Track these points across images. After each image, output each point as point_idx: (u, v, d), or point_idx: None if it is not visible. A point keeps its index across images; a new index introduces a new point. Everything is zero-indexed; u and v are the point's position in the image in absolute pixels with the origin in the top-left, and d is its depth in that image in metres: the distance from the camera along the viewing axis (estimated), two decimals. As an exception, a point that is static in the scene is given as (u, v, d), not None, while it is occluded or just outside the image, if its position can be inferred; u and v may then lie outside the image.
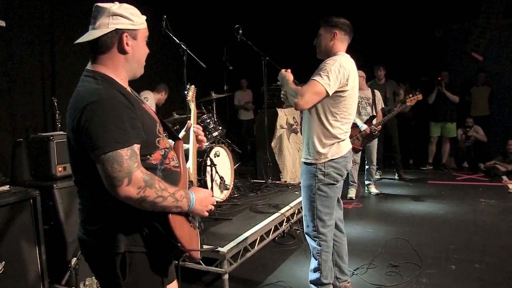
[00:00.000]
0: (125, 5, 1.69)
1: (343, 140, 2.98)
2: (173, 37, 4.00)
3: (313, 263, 3.09)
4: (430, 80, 8.43)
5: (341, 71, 2.79)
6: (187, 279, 3.71)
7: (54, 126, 3.58)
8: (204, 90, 4.95)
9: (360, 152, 6.29)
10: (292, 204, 4.49)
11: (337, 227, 3.21)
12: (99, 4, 1.65)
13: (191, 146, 2.07)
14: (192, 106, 2.30)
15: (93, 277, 3.10)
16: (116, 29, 1.64)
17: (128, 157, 1.51)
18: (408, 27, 9.08)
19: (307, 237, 3.11)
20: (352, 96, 2.93)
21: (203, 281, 3.76)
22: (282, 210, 4.28)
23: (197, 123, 2.82)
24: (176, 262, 1.80)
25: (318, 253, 3.02)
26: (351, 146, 3.07)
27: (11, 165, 3.87)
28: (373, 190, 6.72)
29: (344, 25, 2.97)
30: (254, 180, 5.99)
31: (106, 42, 1.65)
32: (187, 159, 2.01)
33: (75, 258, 2.86)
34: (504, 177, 7.42)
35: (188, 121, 2.16)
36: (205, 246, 1.97)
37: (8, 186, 2.85)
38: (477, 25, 8.99)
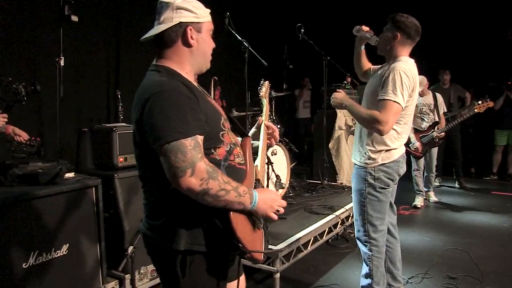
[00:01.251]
0: None
1: (395, 147, 2.87)
2: (236, 34, 4.03)
3: (365, 269, 3.02)
4: (498, 85, 7.99)
5: (407, 84, 2.70)
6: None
7: (117, 118, 3.71)
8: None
9: (422, 159, 6.07)
10: (347, 207, 4.41)
11: (389, 232, 3.12)
12: None
13: (261, 143, 2.03)
14: (265, 102, 2.26)
15: (148, 266, 3.18)
16: (180, 22, 1.64)
17: (192, 147, 1.48)
18: (477, 29, 8.66)
19: (358, 242, 3.04)
20: (410, 106, 2.83)
21: (254, 279, 3.77)
22: (337, 212, 4.22)
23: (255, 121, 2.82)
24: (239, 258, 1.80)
25: (369, 258, 2.95)
26: (404, 151, 2.96)
27: (76, 153, 4.05)
28: (432, 197, 6.47)
29: (409, 28, 2.84)
30: (310, 180, 5.95)
31: (170, 36, 1.65)
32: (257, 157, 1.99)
33: (131, 247, 2.95)
34: None
35: (259, 117, 2.13)
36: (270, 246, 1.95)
37: (73, 173, 2.98)
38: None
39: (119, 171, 3.15)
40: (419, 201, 6.17)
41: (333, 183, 5.66)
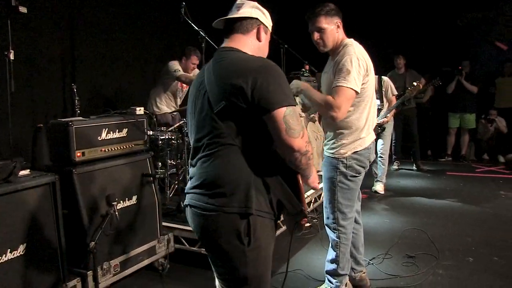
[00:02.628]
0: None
1: (366, 131, 2.90)
2: (192, 24, 3.99)
3: (331, 254, 3.08)
4: (452, 70, 8.27)
5: (360, 64, 2.70)
6: (190, 262, 3.72)
7: (73, 112, 3.62)
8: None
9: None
10: (308, 193, 4.47)
11: (354, 219, 3.18)
12: None
13: None
14: None
15: (111, 261, 3.14)
16: (257, 18, 1.87)
17: (298, 114, 1.67)
18: (429, 16, 8.90)
19: (326, 228, 3.09)
20: (371, 84, 2.84)
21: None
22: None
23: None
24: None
25: (337, 245, 3.02)
26: (374, 137, 3.00)
27: (32, 150, 3.93)
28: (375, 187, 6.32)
29: (339, 10, 2.85)
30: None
31: (248, 25, 1.86)
32: None
33: (93, 242, 2.89)
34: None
35: None
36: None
37: (28, 170, 2.89)
38: (503, 13, 8.75)
39: (77, 166, 3.08)
40: (379, 187, 6.23)
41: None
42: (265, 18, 1.91)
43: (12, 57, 2.93)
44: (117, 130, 3.38)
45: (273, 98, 1.62)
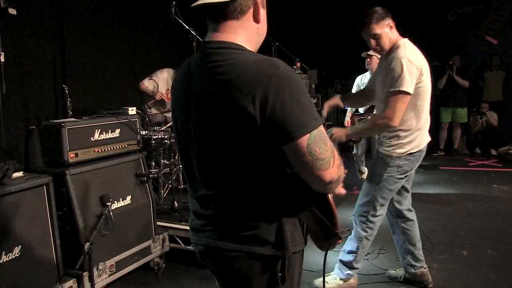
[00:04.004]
0: None
1: (422, 133, 2.91)
2: (183, 23, 3.98)
3: (350, 245, 3.14)
4: (442, 65, 8.32)
5: (412, 67, 2.69)
6: (186, 261, 3.72)
7: (65, 114, 3.60)
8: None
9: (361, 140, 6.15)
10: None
11: (405, 216, 3.21)
12: None
13: None
14: None
15: (106, 262, 3.14)
16: None
17: (325, 133, 1.30)
18: (420, 11, 8.94)
19: (353, 219, 3.15)
20: (426, 85, 2.82)
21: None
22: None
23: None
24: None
25: (360, 239, 3.09)
26: (429, 139, 3.01)
27: (24, 152, 3.92)
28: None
29: (387, 11, 2.89)
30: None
31: (241, 6, 1.35)
32: None
33: (88, 243, 2.89)
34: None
35: None
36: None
37: (22, 172, 2.88)
38: (492, 7, 8.81)
39: (71, 167, 3.07)
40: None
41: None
42: None
43: (2, 59, 2.91)
44: (110, 131, 3.38)
45: (292, 123, 1.22)
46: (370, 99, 3.22)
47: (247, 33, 1.39)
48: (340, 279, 3.20)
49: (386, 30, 2.82)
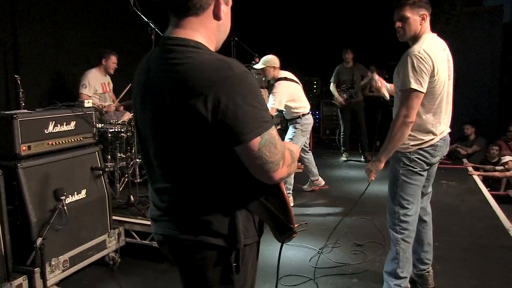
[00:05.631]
0: None
1: (435, 128, 2.82)
2: (141, 15, 3.93)
3: (391, 252, 3.02)
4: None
5: (423, 63, 2.63)
6: (142, 256, 3.71)
7: (18, 105, 3.48)
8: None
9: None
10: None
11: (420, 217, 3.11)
12: None
13: None
14: None
15: (59, 257, 3.07)
16: None
17: (277, 135, 1.33)
18: (377, 10, 9.15)
19: (387, 223, 3.08)
20: (439, 82, 2.74)
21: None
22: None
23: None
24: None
25: (397, 242, 2.95)
26: (444, 135, 2.90)
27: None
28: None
29: (428, 2, 2.76)
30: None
31: (201, 2, 1.35)
32: None
33: (40, 238, 2.82)
34: (465, 160, 7.68)
35: None
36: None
37: (-31, 165, 2.78)
38: (443, 11, 9.14)
39: (23, 160, 2.98)
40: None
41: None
42: None
43: (-51, 46, 2.79)
44: (65, 123, 3.30)
45: (244, 126, 1.25)
46: None
47: (206, 30, 1.40)
48: None
49: (416, 18, 2.75)
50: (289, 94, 4.98)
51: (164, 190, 1.48)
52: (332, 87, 7.64)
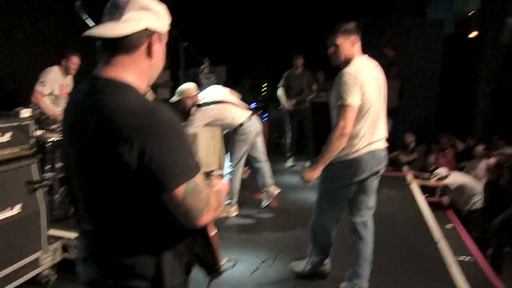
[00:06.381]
0: None
1: (362, 142, 3.05)
2: (88, 23, 3.79)
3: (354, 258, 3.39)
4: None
5: (354, 80, 2.91)
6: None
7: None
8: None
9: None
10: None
11: (356, 229, 3.39)
12: None
13: None
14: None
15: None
16: (147, 28, 1.35)
17: (202, 182, 1.33)
18: (328, 18, 9.31)
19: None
20: (368, 98, 2.98)
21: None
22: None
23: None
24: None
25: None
26: (374, 149, 3.10)
27: None
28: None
29: (358, 29, 3.07)
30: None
31: (133, 42, 1.33)
32: None
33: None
34: (405, 168, 8.00)
35: None
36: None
37: None
38: (391, 21, 9.45)
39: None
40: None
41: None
42: (160, 19, 1.39)
43: None
44: (0, 134, 3.15)
45: (168, 175, 1.25)
46: None
47: (137, 68, 1.37)
48: None
49: (347, 44, 3.05)
50: (210, 119, 4.81)
51: (89, 233, 1.46)
52: (280, 92, 7.67)
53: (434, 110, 9.85)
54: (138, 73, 1.38)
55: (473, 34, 10.70)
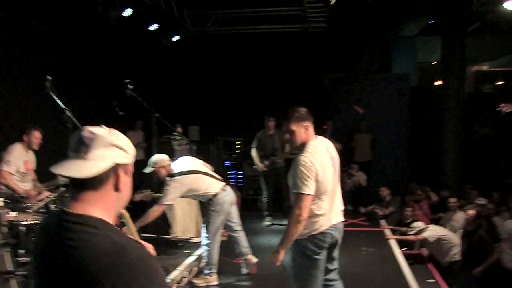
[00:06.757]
0: (117, 132, 1.43)
1: (324, 218, 3.22)
2: (58, 101, 3.80)
3: None
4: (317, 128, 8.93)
5: (309, 170, 3.08)
6: None
7: None
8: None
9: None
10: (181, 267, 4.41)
11: None
12: (92, 129, 1.38)
13: None
14: None
15: None
16: (114, 163, 1.37)
17: None
18: (297, 76, 9.62)
19: None
20: (325, 181, 3.17)
21: None
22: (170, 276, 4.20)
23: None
24: None
25: None
26: (334, 222, 3.29)
27: None
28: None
29: (309, 114, 3.25)
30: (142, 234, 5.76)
31: (101, 179, 1.35)
32: None
33: None
34: (382, 222, 8.03)
35: None
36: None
37: None
38: (357, 78, 9.75)
39: None
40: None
41: (165, 237, 5.62)
42: (126, 153, 1.42)
43: None
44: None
45: None
46: None
47: (105, 203, 1.38)
48: None
49: (301, 129, 3.21)
50: (184, 189, 4.76)
51: None
52: (253, 152, 7.74)
53: (406, 162, 10.07)
54: (106, 207, 1.38)
55: (438, 82, 11.04)
